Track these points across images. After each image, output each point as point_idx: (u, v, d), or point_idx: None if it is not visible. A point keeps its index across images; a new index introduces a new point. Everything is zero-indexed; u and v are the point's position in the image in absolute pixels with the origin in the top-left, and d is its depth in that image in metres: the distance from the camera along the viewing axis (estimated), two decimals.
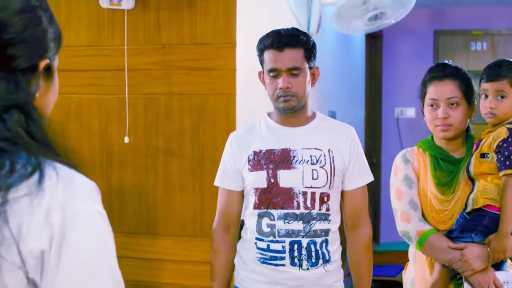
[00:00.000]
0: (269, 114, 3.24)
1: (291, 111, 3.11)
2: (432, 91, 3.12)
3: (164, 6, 4.08)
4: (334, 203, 3.13)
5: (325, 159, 3.10)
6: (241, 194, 3.23)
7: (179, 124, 4.07)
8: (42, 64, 1.35)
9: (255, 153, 3.14)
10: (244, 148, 3.17)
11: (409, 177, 3.17)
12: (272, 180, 3.08)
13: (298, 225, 3.06)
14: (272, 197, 3.09)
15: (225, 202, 3.25)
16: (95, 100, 4.22)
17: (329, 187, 3.09)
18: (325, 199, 3.10)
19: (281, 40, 3.07)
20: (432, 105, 3.11)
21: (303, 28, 5.10)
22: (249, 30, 4.13)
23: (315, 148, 3.11)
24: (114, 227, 4.31)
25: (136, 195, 4.15)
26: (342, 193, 3.20)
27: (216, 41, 3.99)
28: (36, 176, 1.23)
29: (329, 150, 3.12)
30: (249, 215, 3.17)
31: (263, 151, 3.12)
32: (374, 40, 8.64)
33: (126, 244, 4.06)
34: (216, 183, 3.27)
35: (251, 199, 3.15)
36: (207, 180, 3.98)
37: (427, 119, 3.15)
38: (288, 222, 3.06)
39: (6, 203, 1.20)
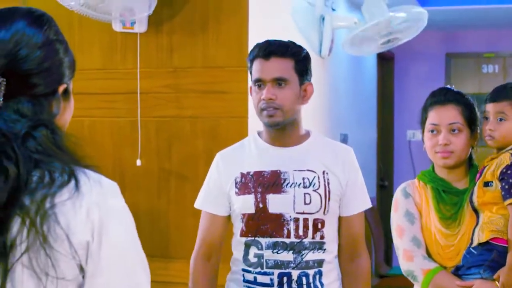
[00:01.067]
0: (259, 133, 2.97)
1: (277, 127, 2.83)
2: (433, 116, 2.97)
3: (177, 29, 4.10)
4: (330, 230, 2.85)
5: (319, 182, 2.82)
6: (226, 220, 2.94)
7: (192, 147, 4.08)
8: (61, 88, 1.60)
9: (242, 175, 2.86)
10: (231, 169, 2.89)
11: (410, 212, 2.98)
12: (261, 205, 2.80)
13: (288, 256, 2.77)
14: (261, 224, 2.80)
15: (207, 228, 2.95)
16: (108, 123, 4.23)
17: (324, 212, 2.81)
18: (319, 226, 2.81)
19: (267, 48, 2.83)
20: (432, 131, 2.96)
21: (315, 51, 5.12)
22: None
23: (308, 170, 2.83)
24: None
25: (149, 218, 4.15)
26: (339, 219, 2.91)
27: (229, 64, 4.01)
28: (73, 182, 1.49)
29: (323, 172, 2.84)
30: (236, 244, 2.90)
31: (251, 173, 2.84)
32: (385, 62, 8.64)
33: None
34: (197, 206, 3.00)
35: (238, 225, 2.86)
36: None
37: (427, 145, 2.98)
38: (277, 252, 2.78)
39: (55, 206, 1.46)
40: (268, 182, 2.82)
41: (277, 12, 4.67)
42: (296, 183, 2.81)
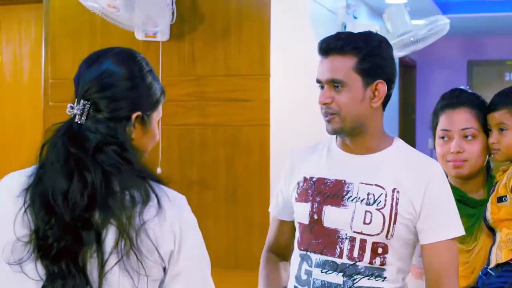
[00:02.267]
0: (336, 136, 2.54)
1: (337, 134, 2.46)
2: (444, 120, 2.67)
3: (199, 38, 4.11)
4: (395, 258, 2.38)
5: (385, 200, 2.36)
6: (294, 226, 2.58)
7: (213, 155, 4.08)
8: (134, 115, 1.88)
9: (305, 179, 2.49)
10: (297, 171, 2.53)
11: None
12: (316, 217, 2.42)
13: (337, 278, 2.38)
14: (313, 238, 2.42)
15: (274, 232, 2.68)
16: None
17: (387, 236, 2.35)
18: (380, 250, 2.37)
19: (325, 42, 2.40)
20: (443, 137, 2.67)
21: None
22: (283, 61, 4.14)
23: (375, 185, 2.39)
24: None
25: None
26: (421, 247, 2.41)
27: (251, 73, 4.01)
28: (155, 200, 1.80)
29: (393, 190, 2.37)
30: (293, 256, 2.54)
31: (314, 179, 2.46)
32: (407, 70, 8.63)
33: None
34: (269, 209, 2.71)
35: (297, 234, 2.52)
36: (241, 210, 3.97)
37: (438, 154, 2.69)
38: (325, 272, 2.39)
39: (145, 223, 1.77)
40: (329, 192, 2.43)
41: (299, 20, 4.67)
42: (359, 197, 2.39)
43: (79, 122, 1.84)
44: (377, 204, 2.36)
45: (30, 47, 4.94)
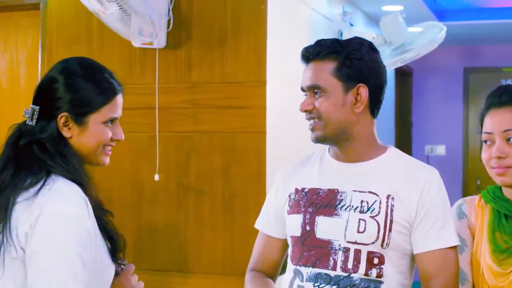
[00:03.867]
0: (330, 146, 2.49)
1: (321, 143, 2.40)
2: (487, 122, 2.33)
3: (195, 45, 4.12)
4: (392, 269, 2.28)
5: (379, 208, 2.27)
6: (284, 244, 2.51)
7: (210, 162, 4.09)
8: (59, 117, 2.09)
9: (296, 191, 2.42)
10: (289, 184, 2.47)
11: (461, 238, 2.36)
12: (308, 228, 2.33)
13: None
14: (305, 250, 2.33)
15: (262, 249, 2.57)
16: (126, 138, 4.20)
17: (382, 245, 2.26)
18: (376, 261, 2.26)
19: (305, 49, 2.43)
20: (486, 141, 2.34)
21: None
22: (279, 69, 4.15)
23: (369, 192, 2.31)
24: (145, 264, 4.29)
25: (167, 233, 4.16)
26: (415, 257, 2.33)
27: (247, 80, 4.02)
28: (39, 186, 1.98)
29: (388, 197, 2.29)
30: (287, 272, 2.43)
31: (306, 190, 2.40)
32: (404, 77, 8.64)
33: (157, 282, 4.06)
34: (256, 225, 2.62)
35: (289, 249, 2.43)
36: (238, 218, 3.98)
37: (483, 159, 2.35)
38: (318, 286, 2.28)
39: (14, 205, 1.98)
40: (322, 202, 2.35)
41: (295, 27, 4.68)
42: (353, 206, 2.31)
43: (28, 123, 2.12)
44: (371, 212, 2.28)
45: (27, 54, 4.94)
